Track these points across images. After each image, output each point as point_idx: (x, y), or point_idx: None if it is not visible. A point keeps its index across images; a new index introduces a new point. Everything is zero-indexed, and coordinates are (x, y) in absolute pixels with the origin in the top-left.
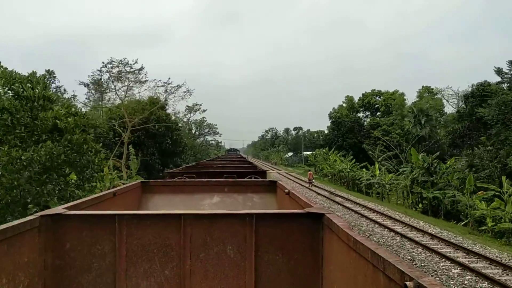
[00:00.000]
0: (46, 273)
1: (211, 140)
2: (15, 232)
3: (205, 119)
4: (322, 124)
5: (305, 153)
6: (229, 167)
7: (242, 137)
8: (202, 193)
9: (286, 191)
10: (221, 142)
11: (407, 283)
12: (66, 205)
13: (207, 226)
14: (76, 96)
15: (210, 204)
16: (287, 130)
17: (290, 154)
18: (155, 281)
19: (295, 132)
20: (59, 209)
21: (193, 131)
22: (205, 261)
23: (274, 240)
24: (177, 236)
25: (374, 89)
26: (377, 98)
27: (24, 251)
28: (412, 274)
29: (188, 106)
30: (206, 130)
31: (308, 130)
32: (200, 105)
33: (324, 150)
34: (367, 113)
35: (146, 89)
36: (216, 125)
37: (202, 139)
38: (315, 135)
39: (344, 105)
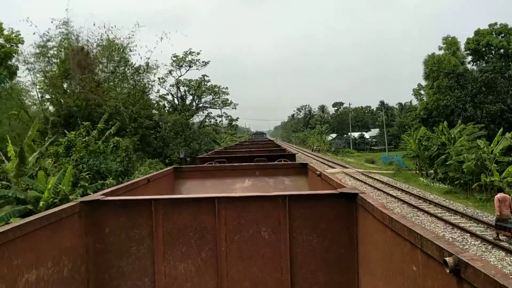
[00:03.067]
0: (88, 257)
1: (221, 116)
2: (57, 217)
3: (206, 77)
4: (358, 101)
5: (371, 132)
6: (258, 151)
7: (270, 118)
8: (233, 177)
9: (318, 172)
10: (236, 119)
11: (447, 258)
12: (103, 191)
13: (241, 208)
14: None
15: (242, 188)
16: (322, 108)
17: (333, 136)
18: (192, 263)
19: (335, 108)
20: (97, 195)
21: (185, 100)
22: (240, 243)
23: (307, 221)
24: (212, 219)
25: (495, 24)
26: (501, 37)
27: (67, 236)
28: (452, 250)
29: (174, 58)
30: (209, 98)
31: (349, 106)
32: (198, 53)
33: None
34: (484, 62)
35: None
36: (226, 88)
37: (204, 114)
38: (362, 111)
39: (442, 52)
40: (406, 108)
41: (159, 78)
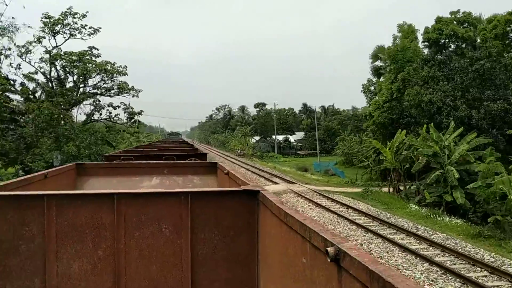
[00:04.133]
0: None
1: (116, 108)
2: None
3: (95, 51)
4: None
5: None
6: (170, 150)
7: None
8: (140, 175)
9: (226, 171)
10: (139, 113)
11: (328, 248)
12: None
13: (142, 205)
14: None
15: (149, 186)
16: (243, 108)
17: (257, 138)
18: (88, 262)
19: (257, 109)
20: None
21: (65, 82)
22: (140, 240)
23: (210, 218)
24: (110, 216)
25: (458, 12)
26: (465, 26)
27: None
28: (333, 241)
29: (47, 19)
30: (97, 81)
31: (274, 107)
32: (83, 16)
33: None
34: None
35: None
36: (124, 67)
37: (94, 103)
38: (285, 113)
39: (398, 40)
40: (329, 112)
41: (18, 47)
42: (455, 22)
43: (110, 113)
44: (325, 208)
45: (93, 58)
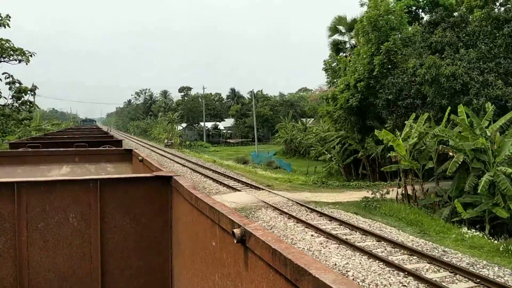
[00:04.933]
0: None
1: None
2: None
3: None
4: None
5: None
6: (81, 137)
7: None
8: (49, 163)
9: (140, 158)
10: (31, 90)
11: (235, 230)
12: None
13: (46, 194)
14: None
15: (58, 174)
16: (165, 93)
17: (183, 126)
18: None
19: (182, 94)
20: None
21: None
22: (45, 231)
23: (121, 205)
24: (10, 206)
25: None
26: None
27: None
28: (240, 222)
29: None
30: None
31: (203, 91)
32: None
33: None
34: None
35: None
36: (6, 17)
37: None
38: (212, 98)
39: (362, 11)
40: (258, 97)
41: None
42: None
43: None
44: (343, 241)
45: None
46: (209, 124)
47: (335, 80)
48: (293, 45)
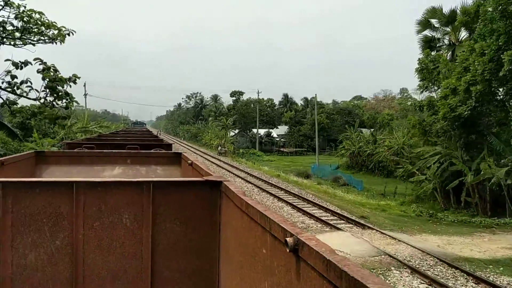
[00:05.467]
0: None
1: (24, 64)
2: None
3: None
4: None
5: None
6: (133, 140)
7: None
8: (102, 164)
9: (189, 162)
10: (73, 80)
11: (287, 239)
12: None
13: (102, 194)
14: None
15: (111, 175)
16: (215, 97)
17: (235, 132)
18: (45, 252)
19: (234, 98)
20: None
21: None
22: (100, 230)
23: (172, 208)
24: (69, 205)
25: None
26: None
27: None
28: (293, 231)
29: None
30: None
31: (258, 95)
32: None
33: None
34: None
35: None
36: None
37: None
38: (264, 104)
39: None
40: (312, 104)
41: None
42: None
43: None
44: None
45: None
46: (262, 131)
47: (429, 84)
48: (344, 52)
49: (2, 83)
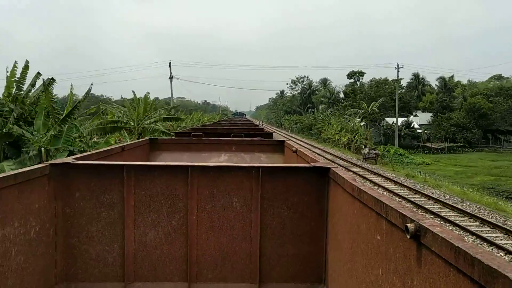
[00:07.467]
0: (56, 220)
1: None
2: (25, 178)
3: None
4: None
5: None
6: (237, 128)
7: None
8: (209, 151)
9: (294, 149)
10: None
11: (408, 224)
12: (75, 156)
13: (214, 178)
14: None
15: (218, 161)
16: (324, 82)
17: (362, 123)
18: (162, 231)
19: (351, 81)
20: (68, 159)
21: None
22: (212, 212)
23: (279, 193)
24: (184, 188)
25: None
26: None
27: (35, 197)
28: (413, 217)
29: None
30: None
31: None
32: None
33: None
34: None
35: None
36: None
37: None
38: (393, 84)
39: None
40: (453, 85)
41: None
42: None
43: None
44: None
45: None
46: (399, 120)
47: None
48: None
49: None
